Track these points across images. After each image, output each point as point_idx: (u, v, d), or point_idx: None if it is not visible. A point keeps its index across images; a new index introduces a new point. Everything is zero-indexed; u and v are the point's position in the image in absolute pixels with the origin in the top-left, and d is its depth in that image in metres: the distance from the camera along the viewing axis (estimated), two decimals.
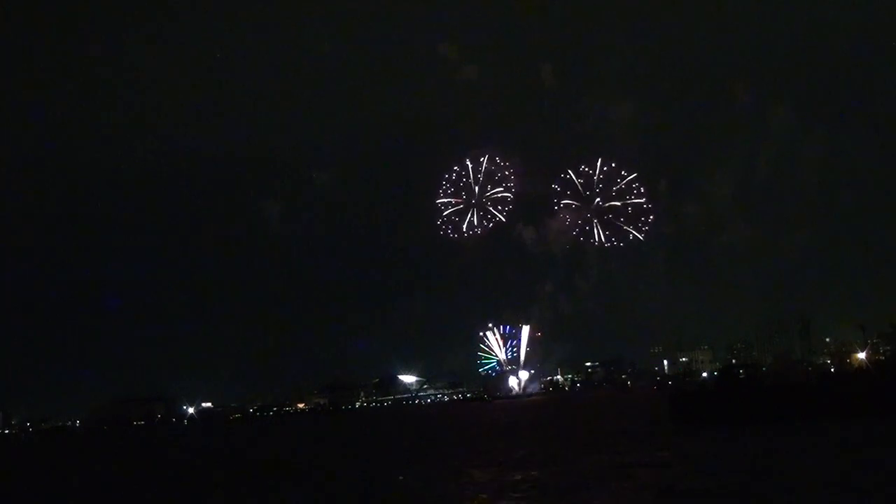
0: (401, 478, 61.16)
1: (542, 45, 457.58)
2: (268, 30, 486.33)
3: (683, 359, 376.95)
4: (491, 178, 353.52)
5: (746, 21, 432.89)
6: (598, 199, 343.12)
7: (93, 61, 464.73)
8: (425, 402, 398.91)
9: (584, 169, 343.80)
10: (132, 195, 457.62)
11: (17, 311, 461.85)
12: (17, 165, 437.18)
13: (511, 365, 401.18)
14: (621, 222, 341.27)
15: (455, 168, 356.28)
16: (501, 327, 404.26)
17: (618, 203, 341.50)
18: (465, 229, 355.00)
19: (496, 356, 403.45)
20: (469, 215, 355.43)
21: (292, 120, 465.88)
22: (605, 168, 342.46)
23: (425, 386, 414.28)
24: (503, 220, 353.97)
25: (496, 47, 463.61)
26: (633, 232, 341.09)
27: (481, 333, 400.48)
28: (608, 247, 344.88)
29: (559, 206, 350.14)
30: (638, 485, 49.26)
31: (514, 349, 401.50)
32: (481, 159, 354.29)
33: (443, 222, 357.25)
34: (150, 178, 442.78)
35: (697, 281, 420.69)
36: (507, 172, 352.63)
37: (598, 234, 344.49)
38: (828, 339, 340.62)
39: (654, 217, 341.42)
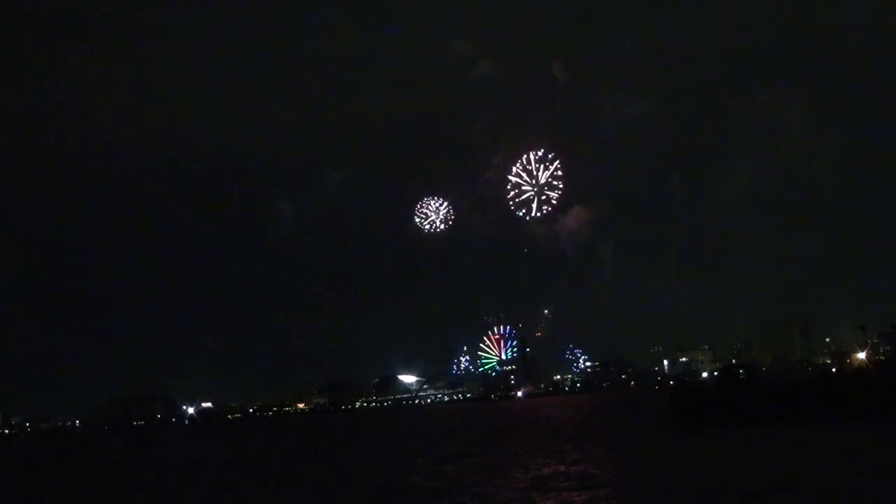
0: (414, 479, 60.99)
1: (555, 42, 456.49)
2: (280, 28, 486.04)
3: (683, 359, 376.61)
4: (501, 178, 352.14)
5: (761, 19, 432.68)
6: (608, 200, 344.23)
7: (104, 60, 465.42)
8: (425, 402, 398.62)
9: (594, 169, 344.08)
10: (137, 194, 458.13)
11: (17, 311, 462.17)
12: (19, 165, 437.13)
13: (511, 365, 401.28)
14: (631, 222, 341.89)
15: (466, 167, 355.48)
16: (502, 327, 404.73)
17: (628, 202, 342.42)
18: (473, 228, 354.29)
19: (496, 356, 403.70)
20: (478, 214, 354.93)
21: (304, 119, 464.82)
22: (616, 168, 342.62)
23: (425, 386, 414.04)
24: (512, 219, 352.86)
25: (509, 45, 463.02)
26: (644, 233, 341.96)
27: (482, 333, 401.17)
28: (618, 247, 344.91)
29: (570, 207, 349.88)
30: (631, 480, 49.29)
31: (515, 349, 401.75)
32: (494, 158, 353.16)
33: (452, 221, 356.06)
34: (155, 177, 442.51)
35: (706, 280, 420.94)
36: (509, 175, 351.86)
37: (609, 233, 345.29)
38: (828, 339, 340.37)
39: (665, 217, 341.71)
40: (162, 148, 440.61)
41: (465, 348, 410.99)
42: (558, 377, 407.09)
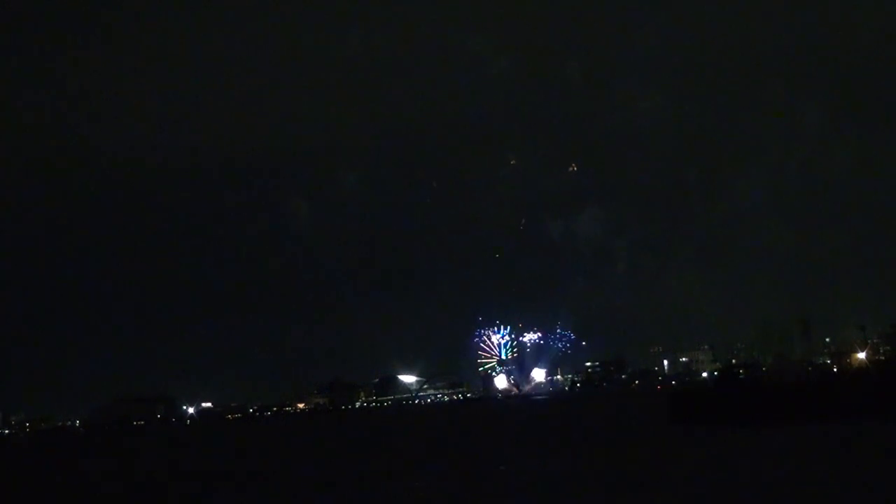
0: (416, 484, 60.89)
1: (572, 39, 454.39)
2: (297, 26, 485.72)
3: (683, 359, 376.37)
4: (517, 176, 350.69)
5: (778, 19, 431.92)
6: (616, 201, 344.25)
7: (120, 57, 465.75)
8: (425, 402, 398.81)
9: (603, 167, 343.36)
10: (140, 193, 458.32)
11: (18, 311, 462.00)
12: (21, 164, 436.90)
13: (512, 365, 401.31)
14: (646, 220, 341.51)
15: (477, 166, 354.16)
16: (502, 327, 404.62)
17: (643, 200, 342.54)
18: (481, 226, 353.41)
19: (497, 356, 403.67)
20: (487, 212, 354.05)
21: (320, 119, 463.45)
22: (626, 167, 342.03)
23: (425, 386, 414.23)
24: (520, 218, 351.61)
25: (525, 42, 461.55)
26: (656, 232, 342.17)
27: (482, 333, 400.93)
28: (632, 245, 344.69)
29: (584, 204, 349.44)
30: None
31: (516, 349, 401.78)
32: (510, 156, 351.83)
33: (459, 221, 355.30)
34: (161, 176, 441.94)
35: (708, 279, 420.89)
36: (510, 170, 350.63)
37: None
38: (828, 339, 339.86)
39: (679, 216, 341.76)
40: (170, 147, 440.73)
41: (465, 348, 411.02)
42: (559, 377, 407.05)
